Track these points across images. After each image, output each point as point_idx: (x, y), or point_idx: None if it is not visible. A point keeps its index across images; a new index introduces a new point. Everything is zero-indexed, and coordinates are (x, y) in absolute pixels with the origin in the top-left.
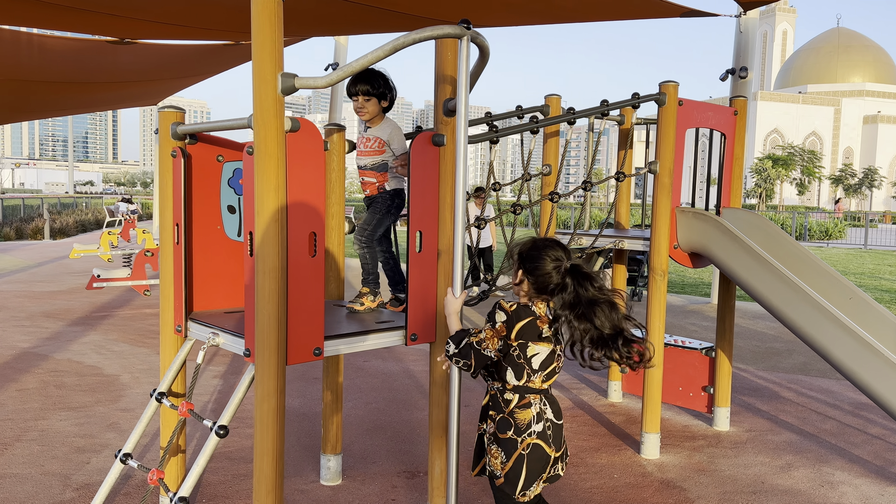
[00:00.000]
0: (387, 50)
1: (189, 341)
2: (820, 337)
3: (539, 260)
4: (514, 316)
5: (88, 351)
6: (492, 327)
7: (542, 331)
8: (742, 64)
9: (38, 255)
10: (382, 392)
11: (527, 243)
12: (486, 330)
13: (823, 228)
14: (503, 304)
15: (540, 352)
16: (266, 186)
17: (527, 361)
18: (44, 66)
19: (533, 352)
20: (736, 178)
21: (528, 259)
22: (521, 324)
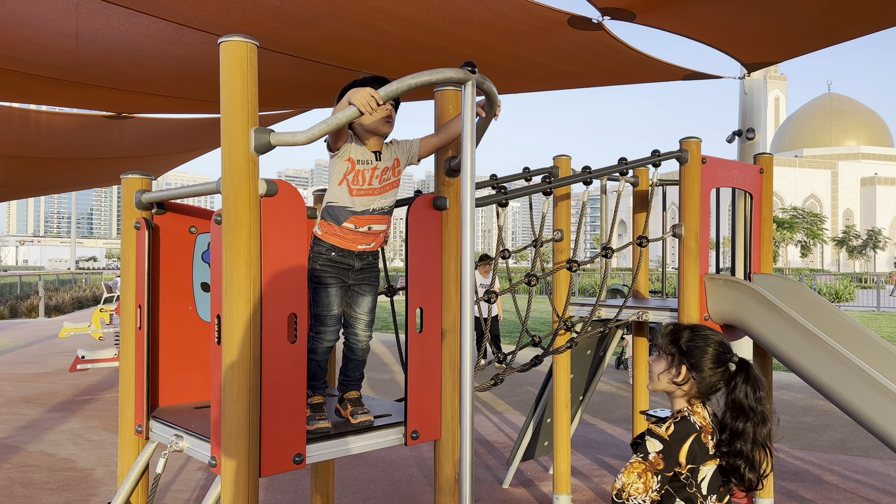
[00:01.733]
0: (382, 97)
1: (151, 444)
2: (881, 420)
3: (704, 353)
4: (674, 441)
5: (65, 441)
6: (643, 459)
7: (709, 446)
8: (748, 125)
9: (30, 335)
10: (382, 485)
11: (683, 332)
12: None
13: (832, 291)
14: (656, 430)
15: (707, 473)
16: (236, 260)
17: (697, 488)
18: (44, 142)
19: (702, 475)
20: (766, 241)
21: (691, 353)
22: (685, 446)
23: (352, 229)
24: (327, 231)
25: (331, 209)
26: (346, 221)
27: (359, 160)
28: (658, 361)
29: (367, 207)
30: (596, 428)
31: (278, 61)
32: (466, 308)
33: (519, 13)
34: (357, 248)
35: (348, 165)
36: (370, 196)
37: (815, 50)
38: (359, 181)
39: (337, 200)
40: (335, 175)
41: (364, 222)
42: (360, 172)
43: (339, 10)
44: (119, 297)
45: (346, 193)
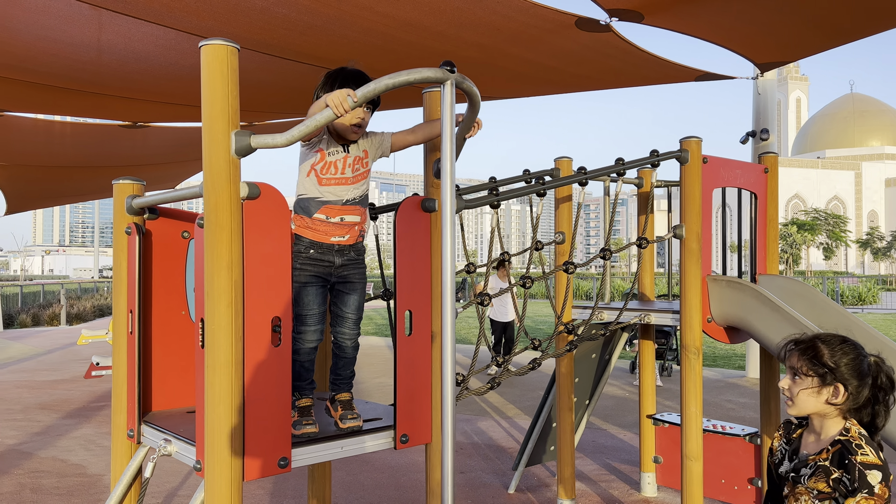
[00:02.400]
0: (357, 100)
1: (143, 448)
2: (889, 424)
3: (854, 364)
4: (884, 461)
5: (76, 447)
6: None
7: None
8: (762, 126)
9: (50, 342)
10: (388, 490)
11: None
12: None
13: (856, 294)
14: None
15: None
16: (217, 264)
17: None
18: (69, 152)
19: None
20: (771, 242)
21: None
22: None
23: (323, 220)
24: (300, 224)
25: (301, 201)
26: (316, 212)
27: (329, 151)
28: (799, 384)
29: (338, 197)
30: (606, 433)
31: (288, 68)
32: (447, 311)
33: (525, 16)
34: (330, 239)
35: (317, 156)
36: (342, 185)
37: (830, 48)
38: (330, 170)
39: (306, 192)
40: (304, 167)
41: (335, 212)
42: (332, 163)
43: (345, 17)
44: None
45: (314, 184)
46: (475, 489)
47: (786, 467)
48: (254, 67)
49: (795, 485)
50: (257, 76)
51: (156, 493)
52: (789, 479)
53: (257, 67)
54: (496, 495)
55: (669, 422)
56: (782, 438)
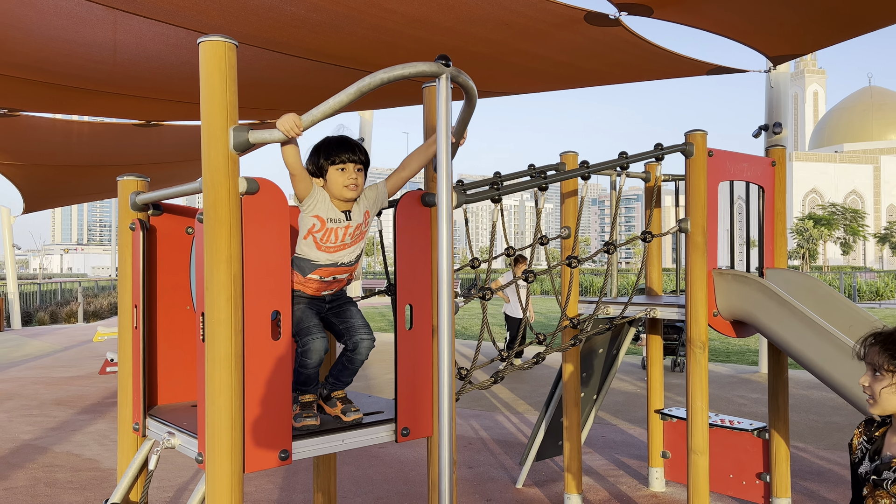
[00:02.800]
0: (351, 94)
1: (148, 441)
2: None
3: None
4: None
5: (90, 442)
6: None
7: None
8: (775, 119)
9: (67, 339)
10: (396, 484)
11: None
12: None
13: (874, 288)
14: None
15: None
16: (216, 258)
17: None
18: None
19: None
20: (779, 235)
21: None
22: None
23: (317, 280)
24: (294, 280)
25: (297, 260)
26: (311, 273)
27: (329, 218)
28: (881, 380)
29: (334, 261)
30: (616, 428)
31: (297, 66)
32: (444, 305)
33: (534, 11)
34: (321, 293)
35: (316, 222)
36: (341, 251)
37: (844, 40)
38: (330, 239)
39: (302, 253)
40: (302, 228)
41: (329, 273)
42: (333, 231)
43: (354, 14)
44: None
45: (311, 247)
46: (483, 483)
47: (866, 467)
48: (263, 65)
49: (876, 488)
50: (267, 74)
51: (167, 487)
52: (869, 481)
53: (267, 65)
54: (504, 490)
55: (677, 416)
56: (863, 436)
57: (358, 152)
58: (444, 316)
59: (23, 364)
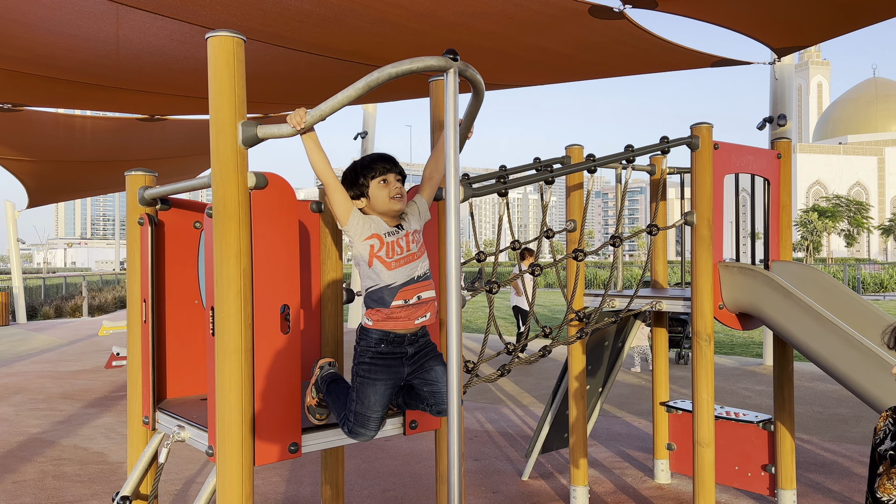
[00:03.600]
0: (359, 88)
1: (158, 434)
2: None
3: None
4: None
5: (97, 435)
6: None
7: None
8: (780, 112)
9: (73, 333)
10: (403, 477)
11: None
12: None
13: (878, 280)
14: None
15: None
16: (226, 252)
17: None
18: (89, 146)
19: None
20: (784, 228)
21: None
22: None
23: (402, 305)
24: (378, 319)
25: (373, 294)
26: (394, 301)
27: (386, 233)
28: None
29: (409, 277)
30: (621, 420)
31: (301, 60)
32: (452, 300)
33: (538, 4)
34: (415, 323)
35: (374, 242)
36: (411, 262)
37: (848, 32)
38: (395, 251)
39: (375, 283)
40: (362, 257)
41: (412, 293)
42: (395, 243)
43: (358, 8)
44: None
45: (382, 270)
46: (489, 476)
47: (887, 445)
48: (268, 59)
49: (893, 464)
50: (271, 68)
51: (175, 480)
52: (887, 458)
53: (271, 59)
54: (510, 482)
55: (682, 409)
56: (888, 419)
57: (395, 164)
58: (453, 309)
59: (29, 358)
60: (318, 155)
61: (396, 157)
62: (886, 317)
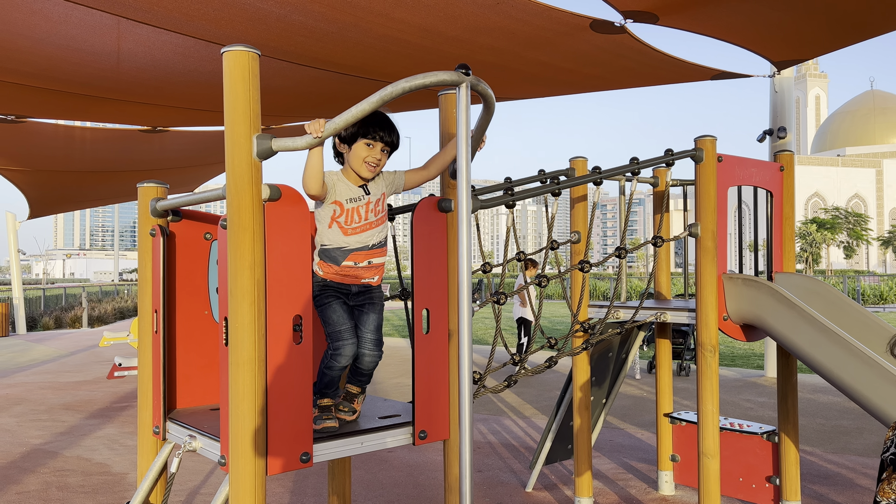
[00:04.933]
0: (374, 102)
1: (168, 444)
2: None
3: None
4: None
5: (100, 446)
6: None
7: None
8: (779, 124)
9: (73, 344)
10: (406, 488)
11: None
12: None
13: (877, 292)
14: None
15: None
16: (240, 263)
17: None
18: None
19: None
20: (787, 240)
21: None
22: None
23: (352, 266)
24: (328, 272)
25: (327, 251)
26: (345, 261)
27: (348, 199)
28: None
29: (364, 244)
30: (624, 432)
31: (305, 74)
32: (464, 310)
33: (540, 19)
34: (360, 282)
35: (336, 208)
36: (368, 231)
37: (848, 45)
38: (354, 219)
39: (331, 242)
40: (323, 218)
41: (363, 257)
42: (354, 210)
43: (361, 23)
44: None
45: (339, 235)
46: (493, 487)
47: (891, 453)
48: (272, 73)
49: (895, 470)
50: (275, 82)
51: (179, 492)
52: (890, 464)
53: (275, 73)
54: (514, 493)
55: (686, 420)
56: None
57: (391, 135)
58: (465, 320)
59: (29, 369)
60: (319, 165)
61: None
62: (889, 328)
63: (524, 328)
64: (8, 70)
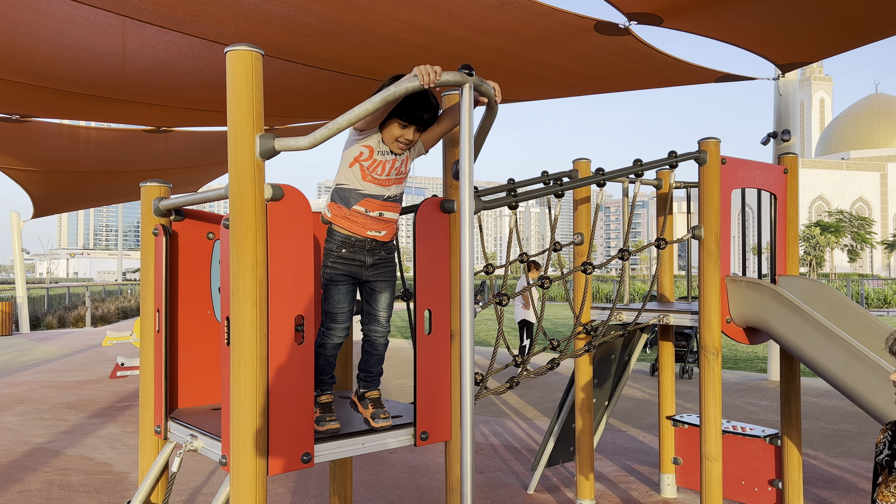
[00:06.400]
0: (376, 102)
1: (170, 444)
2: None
3: None
4: None
5: (102, 445)
6: None
7: None
8: (784, 127)
9: (76, 344)
10: (408, 490)
11: None
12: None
13: (881, 296)
14: None
15: None
16: (242, 263)
17: None
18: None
19: None
20: (791, 243)
21: None
22: None
23: (362, 212)
24: (336, 214)
25: (340, 191)
26: (356, 204)
27: (379, 150)
28: None
29: (380, 193)
30: (626, 434)
31: (308, 74)
32: (466, 311)
33: (545, 20)
34: (367, 233)
35: (365, 151)
36: (383, 185)
37: (853, 48)
38: (376, 170)
39: (347, 182)
40: (348, 157)
41: (375, 207)
42: (380, 163)
43: (365, 24)
44: None
45: (357, 176)
46: (494, 489)
47: (885, 455)
48: (275, 74)
49: (891, 472)
50: (279, 82)
51: (180, 491)
52: (885, 467)
53: (278, 73)
54: (515, 495)
55: (689, 423)
56: (887, 432)
57: (429, 112)
58: (467, 321)
59: (32, 368)
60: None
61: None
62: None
63: (526, 330)
64: (13, 69)
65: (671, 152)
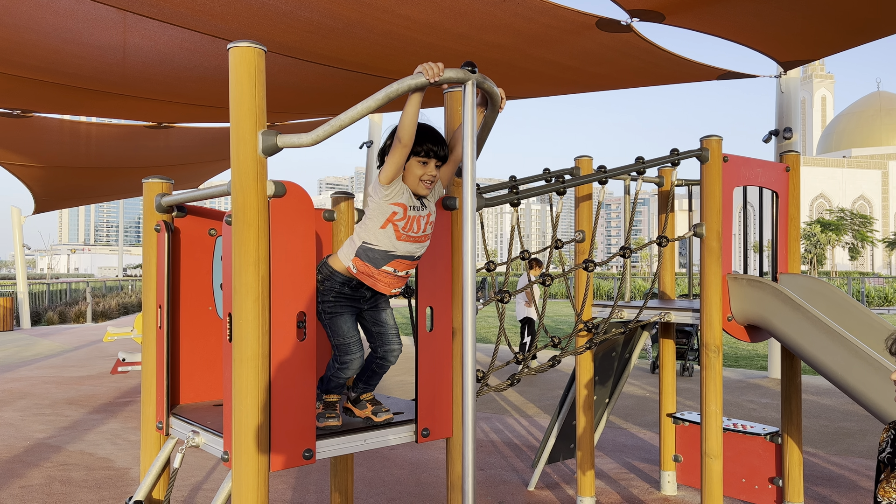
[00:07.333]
0: (379, 99)
1: (171, 440)
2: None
3: None
4: None
5: (103, 441)
6: None
7: None
8: (785, 124)
9: (77, 339)
10: (409, 486)
11: None
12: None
13: (882, 294)
14: None
15: None
16: (245, 260)
17: None
18: (93, 152)
19: None
20: (793, 241)
21: None
22: None
23: (390, 272)
24: (362, 271)
25: (369, 251)
26: (386, 265)
27: (411, 206)
28: None
29: (411, 254)
30: (626, 432)
31: (310, 70)
32: (468, 308)
33: (546, 17)
34: (391, 291)
35: (398, 210)
36: (418, 243)
37: (855, 46)
38: (412, 228)
39: (378, 244)
40: (378, 216)
41: (404, 266)
42: (415, 219)
43: (367, 20)
44: None
45: (391, 237)
46: (495, 486)
47: (887, 453)
48: (277, 70)
49: (893, 469)
50: (280, 78)
51: (181, 487)
52: (887, 464)
53: (280, 70)
54: (516, 492)
55: (689, 420)
56: (890, 431)
57: (441, 146)
58: (469, 318)
59: (33, 363)
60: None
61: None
62: (894, 330)
63: (528, 328)
64: (14, 63)
65: (673, 150)
